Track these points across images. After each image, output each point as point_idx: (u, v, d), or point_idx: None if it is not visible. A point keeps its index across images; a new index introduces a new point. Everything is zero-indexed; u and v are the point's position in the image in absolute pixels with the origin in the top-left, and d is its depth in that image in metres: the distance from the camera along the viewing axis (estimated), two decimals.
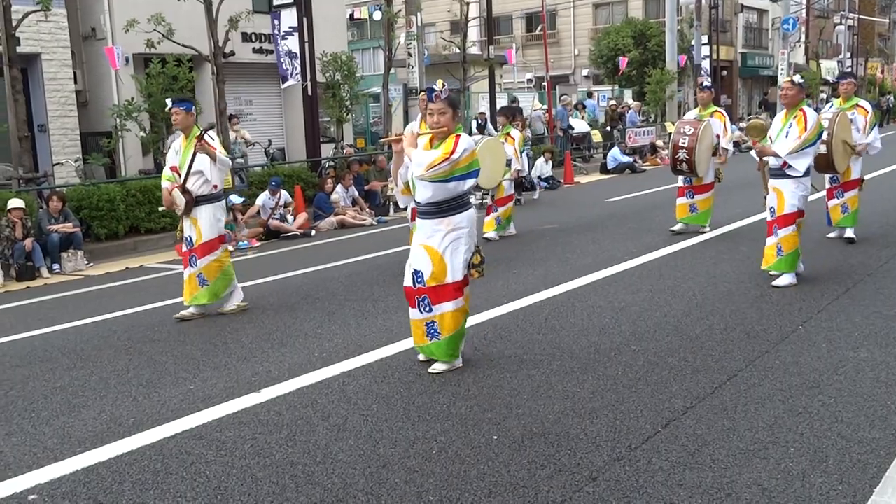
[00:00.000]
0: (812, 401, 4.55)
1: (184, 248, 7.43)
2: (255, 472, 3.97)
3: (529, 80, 37.35)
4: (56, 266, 11.02)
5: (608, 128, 25.89)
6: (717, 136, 10.20)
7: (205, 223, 7.24)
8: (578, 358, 5.52)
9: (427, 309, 5.23)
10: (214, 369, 5.75)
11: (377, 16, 22.83)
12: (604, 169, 21.52)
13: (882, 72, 53.77)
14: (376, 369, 5.49)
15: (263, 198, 13.35)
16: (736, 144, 27.61)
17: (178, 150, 7.32)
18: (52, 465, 4.19)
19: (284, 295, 8.22)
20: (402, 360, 5.67)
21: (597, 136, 24.99)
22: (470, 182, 5.17)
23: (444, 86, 5.19)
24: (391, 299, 7.60)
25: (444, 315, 5.20)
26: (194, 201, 7.21)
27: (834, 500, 3.44)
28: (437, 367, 5.33)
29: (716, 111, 10.53)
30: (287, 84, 16.78)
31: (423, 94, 8.48)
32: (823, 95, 42.12)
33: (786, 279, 7.27)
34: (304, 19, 15.95)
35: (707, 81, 11.02)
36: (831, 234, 9.53)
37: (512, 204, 11.20)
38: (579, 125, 24.46)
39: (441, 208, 5.16)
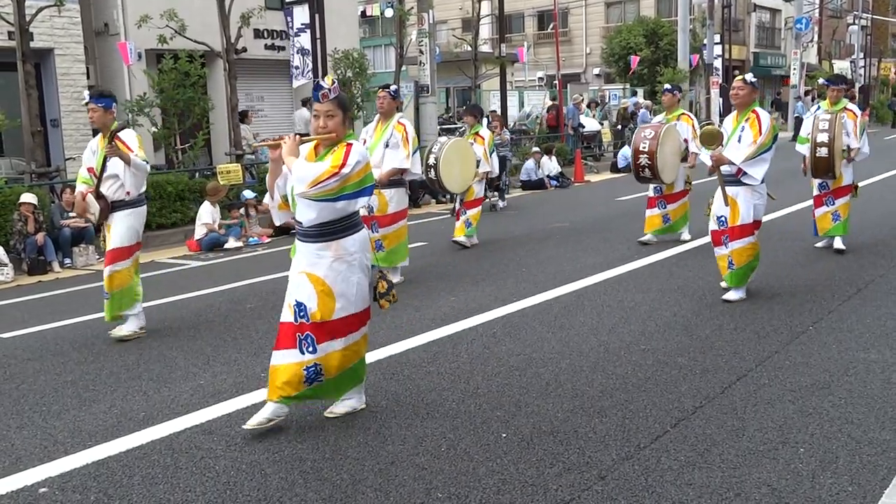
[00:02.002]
0: (822, 401, 4.53)
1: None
2: (264, 467, 3.99)
3: (541, 79, 37.28)
4: (67, 260, 11.06)
5: (619, 127, 25.83)
6: (686, 141, 9.65)
7: (116, 230, 6.52)
8: (588, 356, 5.51)
9: (311, 349, 4.34)
10: (224, 364, 5.77)
11: (389, 13, 22.82)
12: (614, 168, 21.47)
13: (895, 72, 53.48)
14: (385, 366, 5.49)
15: None
16: None
17: (94, 149, 6.61)
18: (62, 459, 4.22)
19: None
20: (412, 357, 5.68)
21: (607, 136, 24.93)
22: (362, 201, 4.39)
23: (333, 83, 4.39)
24: (401, 296, 7.56)
25: (329, 356, 4.38)
26: (110, 207, 6.51)
27: (844, 502, 3.43)
28: (338, 408, 4.61)
29: (682, 114, 9.99)
30: (298, 83, 16.81)
31: (381, 90, 8.34)
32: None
33: (735, 294, 6.82)
34: (317, 16, 15.97)
35: (669, 84, 10.32)
36: (819, 244, 9.01)
37: (480, 207, 10.58)
38: (590, 124, 24.41)
39: (326, 231, 4.33)
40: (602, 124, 25.40)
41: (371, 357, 5.65)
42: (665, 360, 5.38)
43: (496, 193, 14.40)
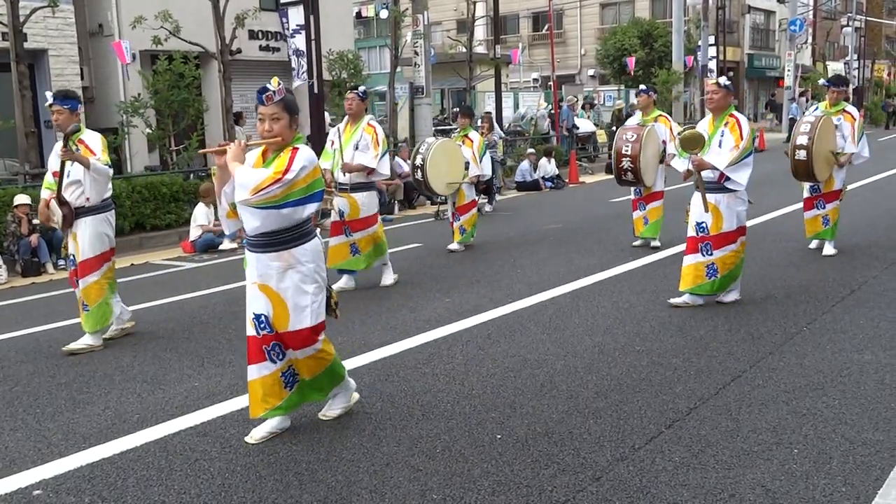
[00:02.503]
0: (816, 402, 4.54)
1: (70, 267, 6.59)
2: (259, 469, 3.98)
3: (535, 80, 37.34)
4: (61, 262, 11.03)
5: (614, 128, 25.89)
6: (664, 143, 9.41)
7: (84, 239, 6.31)
8: (582, 358, 5.52)
9: (280, 356, 4.30)
10: (219, 366, 5.76)
11: (384, 14, 22.83)
12: (609, 169, 21.49)
13: (889, 74, 53.64)
14: (380, 367, 5.49)
15: None
16: None
17: (58, 153, 6.26)
18: (56, 461, 4.21)
19: None
20: (406, 359, 5.68)
21: (602, 137, 24.97)
22: (311, 207, 4.19)
23: (279, 84, 4.18)
24: (396, 297, 7.61)
25: (298, 361, 4.32)
26: (74, 214, 6.27)
27: (837, 502, 3.44)
28: (331, 411, 4.56)
29: (660, 116, 9.75)
30: (296, 84, 16.84)
31: (350, 92, 8.25)
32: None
33: (731, 295, 6.81)
34: (311, 17, 15.96)
35: (644, 85, 10.15)
36: (812, 246, 8.95)
37: (475, 210, 10.44)
38: (584, 125, 24.45)
39: (275, 240, 4.16)
40: (597, 125, 25.45)
41: (366, 358, 5.67)
42: (659, 361, 5.38)
43: (485, 196, 14.44)
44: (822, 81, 9.85)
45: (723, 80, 6.76)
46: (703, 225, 6.65)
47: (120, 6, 17.08)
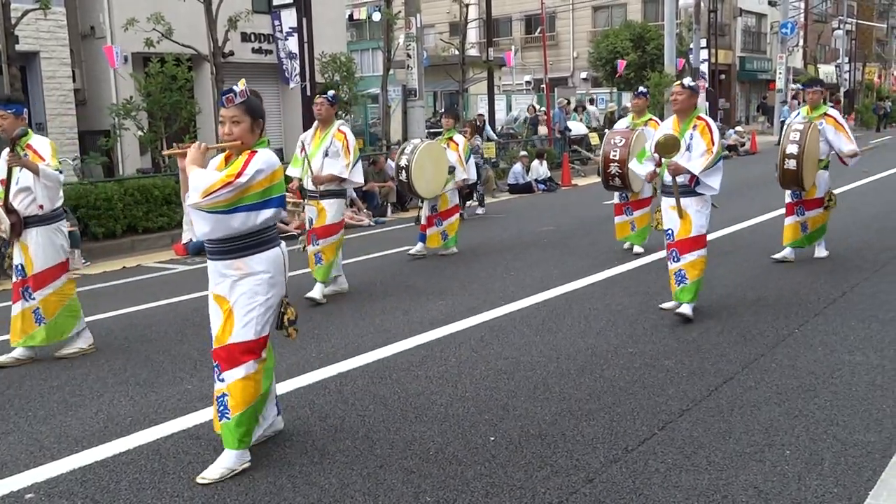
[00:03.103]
0: (808, 404, 4.56)
1: (14, 279, 6.16)
2: (252, 471, 3.97)
3: (528, 83, 37.39)
4: None
5: (606, 130, 25.93)
6: None
7: (36, 249, 6.02)
8: (575, 360, 5.53)
9: (219, 377, 4.04)
10: (212, 369, 5.73)
11: (376, 17, 22.87)
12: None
13: (879, 76, 53.91)
14: (373, 370, 5.49)
15: None
16: (732, 148, 27.24)
17: (5, 158, 5.98)
18: (48, 464, 4.19)
19: None
20: (400, 361, 5.68)
21: (595, 139, 25.00)
22: (266, 213, 3.97)
23: (244, 86, 4.01)
24: (389, 300, 7.61)
25: (231, 386, 3.98)
26: (23, 223, 5.99)
27: (829, 503, 3.45)
28: (211, 471, 3.91)
29: (650, 120, 9.45)
30: (291, 86, 16.86)
31: (318, 96, 7.97)
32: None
33: (688, 308, 6.35)
34: (304, 20, 15.97)
35: (643, 87, 9.77)
36: (776, 255, 8.60)
37: (458, 216, 10.16)
38: (577, 127, 24.48)
39: (229, 247, 3.97)
40: (589, 128, 25.49)
41: (359, 361, 5.67)
42: (652, 363, 5.40)
43: (477, 201, 14.51)
44: (794, 86, 9.80)
45: (687, 80, 6.63)
46: (670, 232, 6.50)
47: (112, 8, 17.04)
